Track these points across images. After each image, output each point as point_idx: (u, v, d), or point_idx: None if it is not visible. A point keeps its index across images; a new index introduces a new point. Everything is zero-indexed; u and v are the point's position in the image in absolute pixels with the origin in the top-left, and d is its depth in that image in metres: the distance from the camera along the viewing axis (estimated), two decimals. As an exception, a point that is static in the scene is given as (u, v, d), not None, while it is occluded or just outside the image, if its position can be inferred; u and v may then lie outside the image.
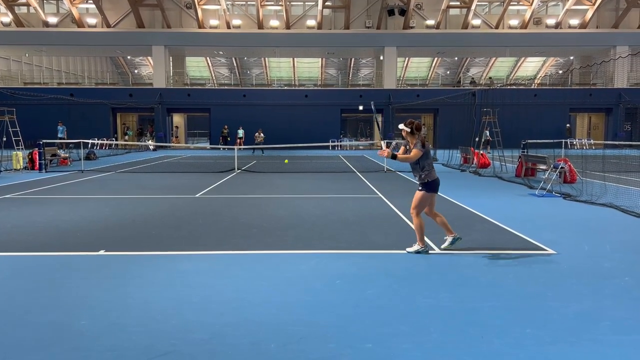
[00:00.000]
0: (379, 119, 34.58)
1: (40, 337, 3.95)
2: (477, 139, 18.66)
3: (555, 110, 35.97)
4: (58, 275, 5.59)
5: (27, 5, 35.73)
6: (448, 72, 60.90)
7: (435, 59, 55.38)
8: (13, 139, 19.15)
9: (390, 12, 35.69)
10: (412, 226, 6.81)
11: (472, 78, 52.08)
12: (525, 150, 16.90)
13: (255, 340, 3.91)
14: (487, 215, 9.23)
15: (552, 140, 17.39)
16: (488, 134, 20.66)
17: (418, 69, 58.62)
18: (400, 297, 4.89)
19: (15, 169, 18.10)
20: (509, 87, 39.29)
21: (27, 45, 38.52)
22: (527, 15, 37.21)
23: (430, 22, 37.57)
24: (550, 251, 6.64)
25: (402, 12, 35.50)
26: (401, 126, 6.41)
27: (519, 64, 57.33)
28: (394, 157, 6.28)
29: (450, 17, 38.41)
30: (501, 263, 6.13)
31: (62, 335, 3.98)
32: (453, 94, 28.53)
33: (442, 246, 6.67)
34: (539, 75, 55.51)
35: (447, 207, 10.32)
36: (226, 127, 35.19)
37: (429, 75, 58.80)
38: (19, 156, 18.45)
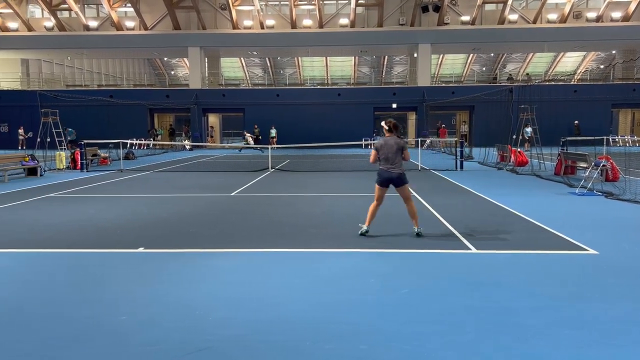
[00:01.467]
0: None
1: (81, 331, 4.07)
2: (514, 137, 18.26)
3: (596, 106, 34.88)
4: (99, 272, 5.76)
5: (69, 10, 36.88)
6: (484, 69, 59.84)
7: (471, 55, 54.48)
8: (56, 139, 19.83)
9: (424, 9, 35.27)
10: (449, 226, 6.73)
11: (510, 74, 51.03)
12: (565, 148, 16.43)
13: (289, 337, 3.93)
14: (525, 214, 9.02)
15: (592, 137, 16.84)
16: (529, 131, 20.15)
17: (453, 65, 57.80)
18: (435, 296, 4.84)
19: (58, 169, 18.74)
20: (547, 83, 38.32)
21: (69, 48, 39.78)
22: (567, 9, 36.15)
23: (466, 17, 36.96)
24: (591, 251, 6.45)
25: (437, 9, 35.03)
26: (383, 124, 7.34)
27: (557, 59, 55.82)
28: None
29: (486, 13, 37.68)
30: (539, 263, 5.99)
31: (102, 330, 4.10)
32: (489, 90, 28.00)
33: (359, 232, 7.31)
34: (579, 71, 53.89)
35: (483, 205, 10.15)
36: (256, 126, 35.50)
37: (464, 72, 57.89)
38: (62, 156, 19.09)
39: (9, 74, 40.80)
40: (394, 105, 37.40)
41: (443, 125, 36.69)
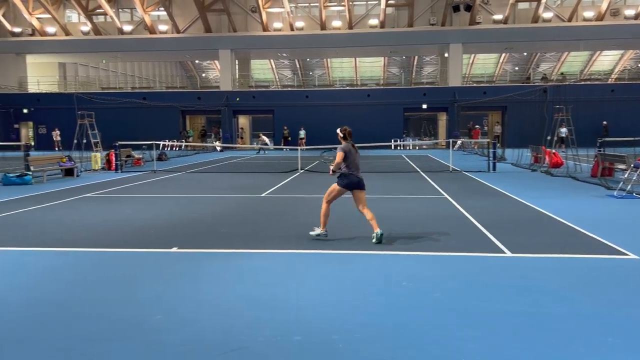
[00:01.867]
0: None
1: (118, 330, 4.16)
2: (548, 137, 17.86)
3: (635, 106, 33.81)
4: (134, 271, 5.87)
5: (104, 14, 37.81)
6: (517, 68, 58.75)
7: (503, 54, 53.57)
8: (92, 141, 20.34)
9: (456, 9, 34.82)
10: (482, 228, 6.63)
11: (544, 74, 49.94)
12: (602, 149, 15.98)
13: (324, 339, 3.93)
14: (561, 217, 8.81)
15: (632, 138, 16.30)
16: (564, 131, 19.67)
17: (484, 65, 56.95)
18: (470, 300, 4.77)
19: (93, 169, 19.21)
20: (583, 82, 37.37)
21: (104, 52, 40.81)
22: (604, 7, 35.18)
23: (498, 16, 36.36)
24: (632, 255, 6.25)
25: (468, 8, 34.54)
26: (338, 131, 7.67)
27: (593, 58, 54.37)
28: (334, 172, 7.37)
29: (519, 11, 36.98)
30: (577, 267, 5.84)
31: (138, 329, 4.18)
32: (523, 90, 27.47)
33: (373, 241, 6.96)
34: (616, 70, 52.35)
35: (517, 208, 9.96)
36: (286, 127, 35.73)
37: (496, 72, 56.96)
38: (97, 157, 19.56)
39: (47, 78, 42.07)
40: (424, 106, 37.05)
41: (477, 126, 36.15)
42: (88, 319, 4.40)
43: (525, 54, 54.25)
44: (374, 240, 6.95)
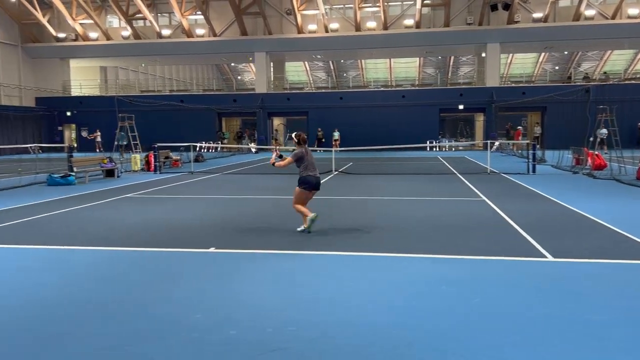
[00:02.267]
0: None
1: (158, 328, 4.23)
2: (591, 139, 17.31)
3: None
4: (173, 270, 5.98)
5: (144, 19, 38.74)
6: (557, 68, 57.23)
7: (543, 54, 52.26)
8: (132, 142, 20.85)
9: (493, 7, 34.19)
10: (522, 232, 6.48)
11: (586, 73, 48.48)
12: (648, 151, 15.37)
13: (363, 342, 3.90)
14: (605, 220, 8.51)
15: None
16: (604, 132, 19.04)
17: (523, 65, 55.70)
18: (511, 305, 4.65)
19: (133, 170, 19.69)
20: (627, 82, 36.10)
21: (144, 55, 41.79)
22: (650, 3, 33.89)
23: (537, 15, 35.48)
24: (683, 262, 5.98)
25: (506, 7, 33.85)
26: (293, 135, 8.38)
27: (638, 57, 52.43)
28: (273, 164, 8.44)
29: (560, 9, 35.99)
30: (624, 273, 5.63)
31: (178, 327, 4.24)
32: (563, 90, 26.74)
33: (299, 229, 7.97)
34: (663, 68, 50.35)
35: (558, 211, 9.69)
36: (320, 129, 35.83)
37: (535, 72, 55.64)
38: (137, 158, 20.05)
39: (90, 81, 43.41)
40: (461, 107, 36.51)
41: (519, 127, 35.34)
42: (129, 316, 4.49)
43: (565, 53, 52.75)
44: (299, 229, 7.94)
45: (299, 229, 8.00)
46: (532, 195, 12.08)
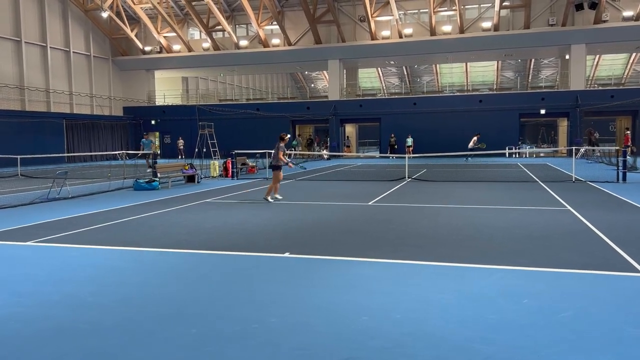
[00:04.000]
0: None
1: (236, 330, 4.34)
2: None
3: None
4: (250, 274, 6.13)
5: (223, 30, 40.34)
6: (650, 69, 53.29)
7: (633, 54, 48.86)
8: (211, 149, 21.69)
9: (579, 7, 32.41)
10: (612, 244, 6.05)
11: (683, 73, 44.72)
12: None
13: (437, 354, 3.80)
14: None
15: None
16: None
17: (612, 66, 52.34)
18: (601, 323, 4.35)
19: (212, 176, 20.47)
20: None
21: (222, 66, 43.46)
22: None
23: (628, 13, 33.26)
24: None
25: (593, 6, 31.97)
26: (287, 137, 12.56)
27: None
28: (287, 163, 12.52)
29: (654, 6, 33.53)
30: None
31: (255, 330, 4.33)
32: (657, 92, 24.82)
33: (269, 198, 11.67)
34: None
35: (653, 223, 8.97)
36: (393, 135, 35.53)
37: (626, 73, 52.12)
38: (216, 165, 20.83)
39: (172, 91, 45.74)
40: (542, 111, 34.89)
41: (627, 132, 32.96)
42: (207, 318, 4.64)
43: (660, 52, 49.03)
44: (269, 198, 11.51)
45: (271, 199, 12.26)
46: (622, 205, 11.29)
